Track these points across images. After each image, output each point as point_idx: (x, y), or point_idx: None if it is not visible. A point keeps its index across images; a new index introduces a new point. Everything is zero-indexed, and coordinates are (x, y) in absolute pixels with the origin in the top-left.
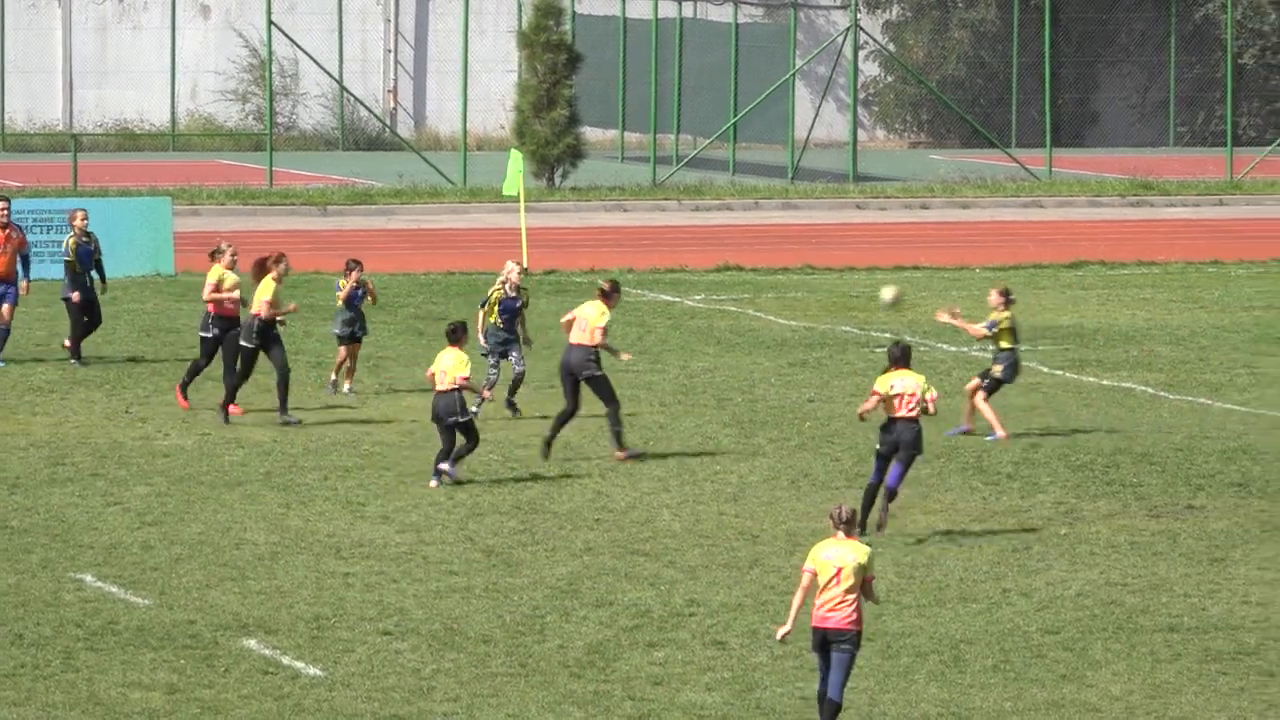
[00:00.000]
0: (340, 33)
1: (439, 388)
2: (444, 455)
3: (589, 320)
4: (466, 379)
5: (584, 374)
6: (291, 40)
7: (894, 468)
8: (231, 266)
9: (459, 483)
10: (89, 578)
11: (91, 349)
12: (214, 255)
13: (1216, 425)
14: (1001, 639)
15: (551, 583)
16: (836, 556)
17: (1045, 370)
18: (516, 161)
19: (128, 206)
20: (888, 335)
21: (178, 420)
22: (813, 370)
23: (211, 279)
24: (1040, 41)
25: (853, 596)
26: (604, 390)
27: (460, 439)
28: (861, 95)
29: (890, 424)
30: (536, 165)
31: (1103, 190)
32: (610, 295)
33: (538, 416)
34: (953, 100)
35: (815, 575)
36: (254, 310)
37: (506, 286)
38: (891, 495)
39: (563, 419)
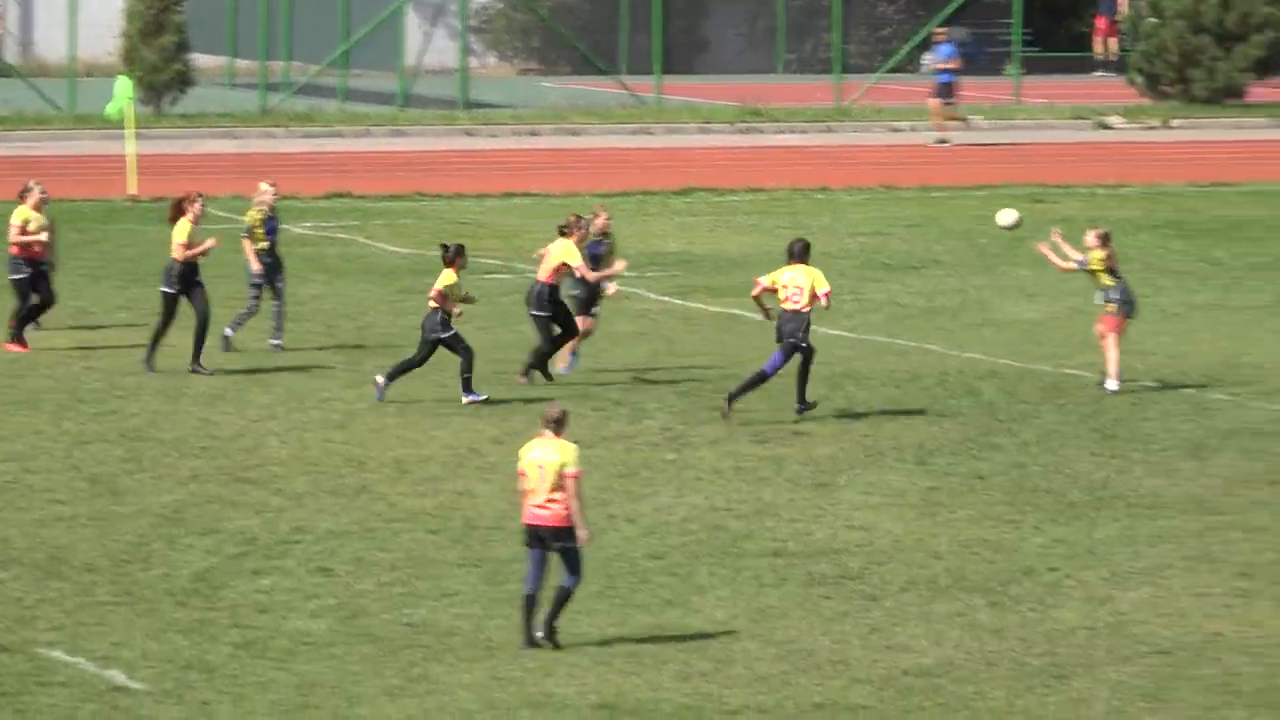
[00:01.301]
0: None
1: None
2: (401, 370)
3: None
4: (441, 293)
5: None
6: None
7: (776, 355)
8: (39, 207)
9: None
10: None
11: None
12: (22, 195)
13: (823, 350)
14: (607, 565)
15: (157, 510)
16: (541, 456)
17: (653, 297)
18: (125, 87)
19: None
20: (495, 261)
21: None
22: (420, 297)
23: (16, 220)
24: None
25: (561, 494)
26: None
27: (456, 355)
28: (473, 22)
29: (782, 315)
30: (145, 92)
31: (712, 117)
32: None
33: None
34: (563, 27)
35: (525, 476)
36: (173, 254)
37: (265, 209)
38: (762, 378)
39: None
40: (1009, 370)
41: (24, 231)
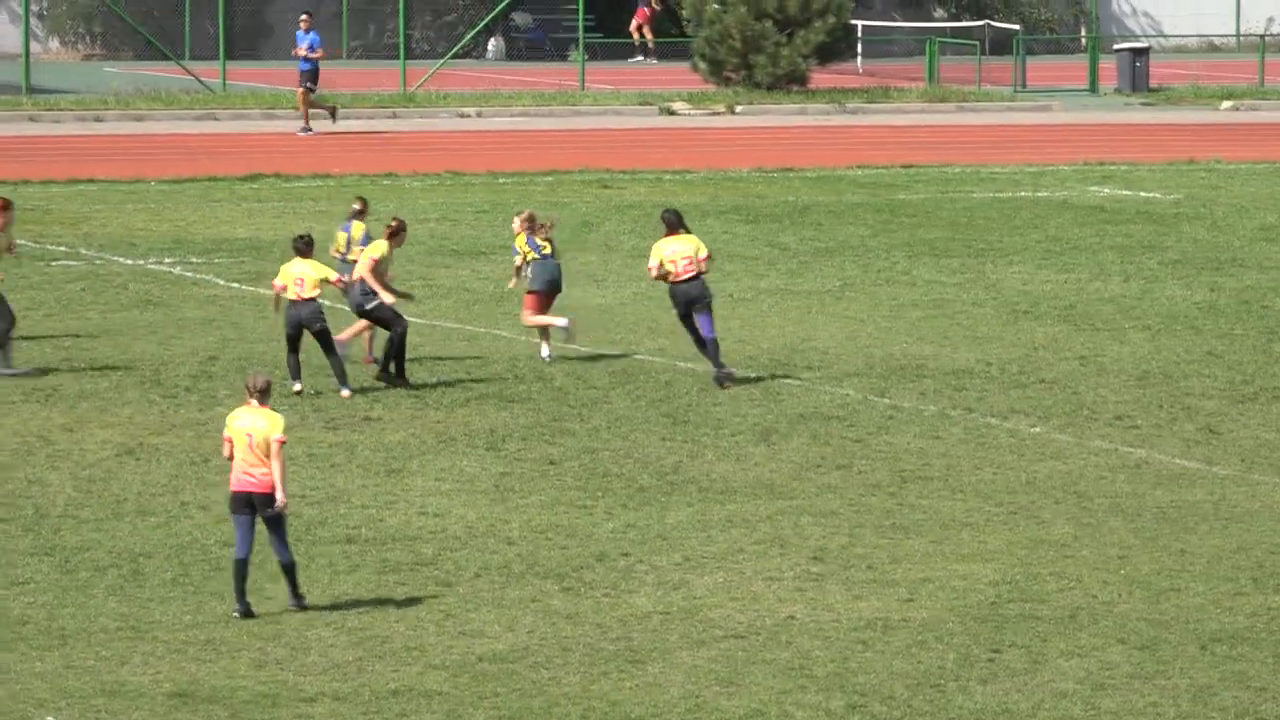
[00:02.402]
0: None
1: (300, 296)
2: (297, 367)
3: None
4: (331, 282)
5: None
6: None
7: (701, 320)
8: None
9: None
10: None
11: None
12: None
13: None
14: (180, 552)
15: None
16: (249, 424)
17: (222, 283)
18: None
19: None
20: (63, 249)
21: None
22: None
23: None
24: None
25: (264, 462)
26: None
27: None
28: (35, 6)
29: (674, 287)
30: None
31: (277, 103)
32: (396, 234)
33: None
34: (126, 13)
35: (232, 443)
36: None
37: None
38: (714, 344)
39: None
40: (578, 356)
41: None
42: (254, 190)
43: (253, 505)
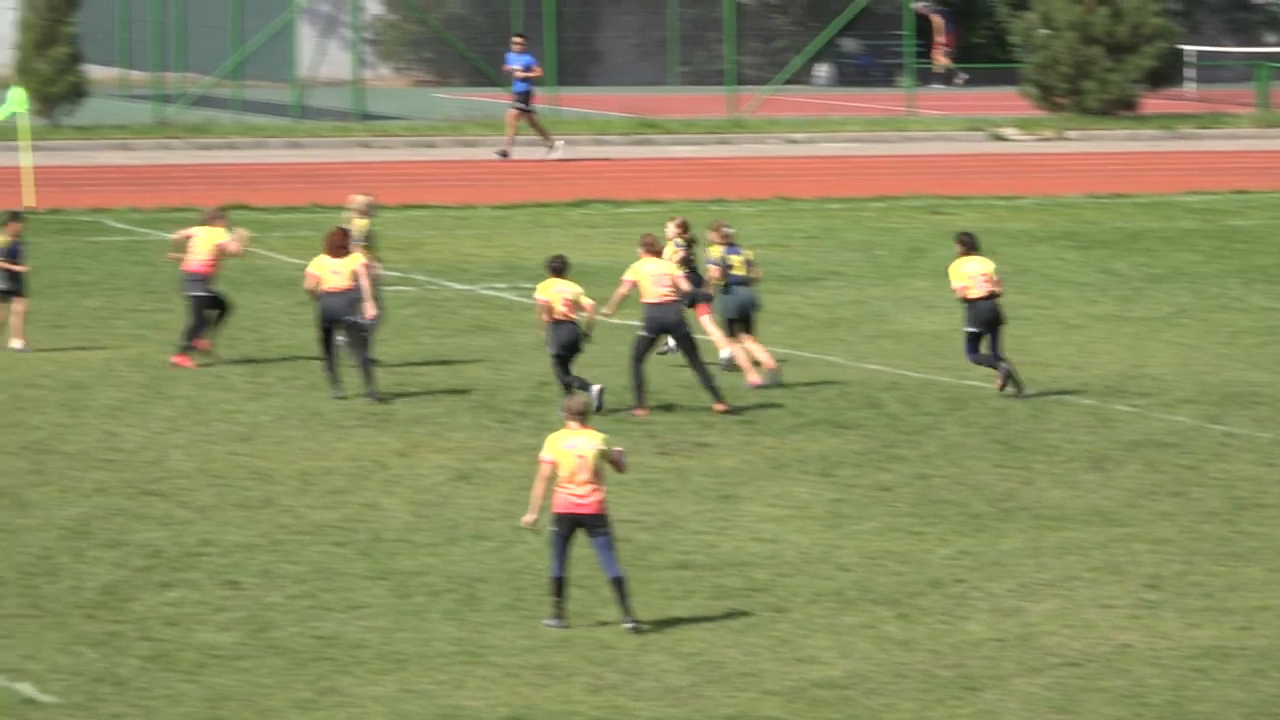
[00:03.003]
0: None
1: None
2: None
3: None
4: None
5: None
6: None
7: (993, 340)
8: None
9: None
10: None
11: None
12: None
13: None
14: (514, 577)
15: (63, 523)
16: (579, 445)
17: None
18: (19, 99)
19: None
20: (396, 275)
21: None
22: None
23: None
24: None
25: (597, 481)
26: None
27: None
28: (366, 34)
29: (974, 305)
30: (39, 104)
31: (607, 128)
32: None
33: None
34: (456, 38)
35: (556, 465)
36: None
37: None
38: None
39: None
40: (910, 382)
41: None
42: (584, 216)
43: (581, 526)
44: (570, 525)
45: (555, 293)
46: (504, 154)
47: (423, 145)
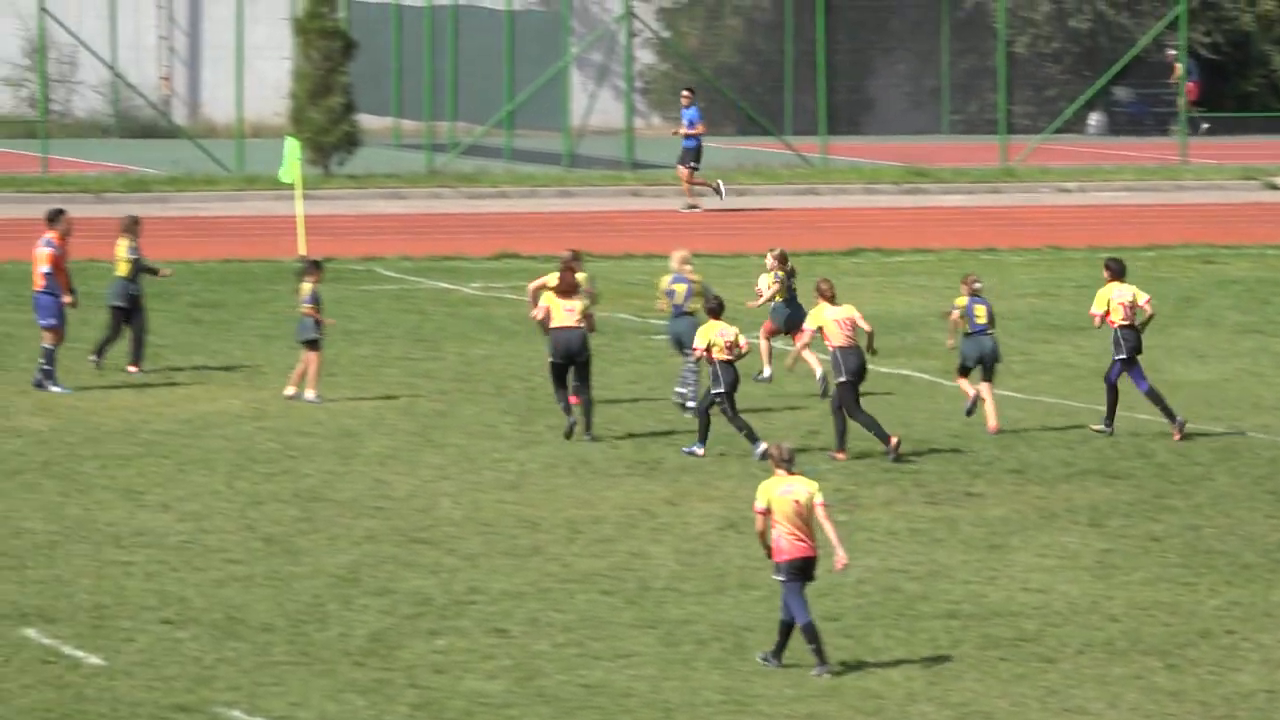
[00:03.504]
0: (113, 19)
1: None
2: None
3: None
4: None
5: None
6: (63, 26)
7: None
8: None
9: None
10: None
11: None
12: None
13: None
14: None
15: (332, 571)
16: (793, 491)
17: (824, 358)
18: (293, 149)
19: None
20: (664, 324)
21: None
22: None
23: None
24: (813, 29)
25: (809, 526)
26: None
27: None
28: (637, 82)
29: (1121, 331)
30: (313, 153)
31: (878, 177)
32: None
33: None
34: (727, 87)
35: (770, 513)
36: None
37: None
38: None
39: None
40: (1191, 433)
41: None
42: (855, 265)
43: (804, 571)
44: (800, 571)
45: (717, 336)
46: (693, 206)
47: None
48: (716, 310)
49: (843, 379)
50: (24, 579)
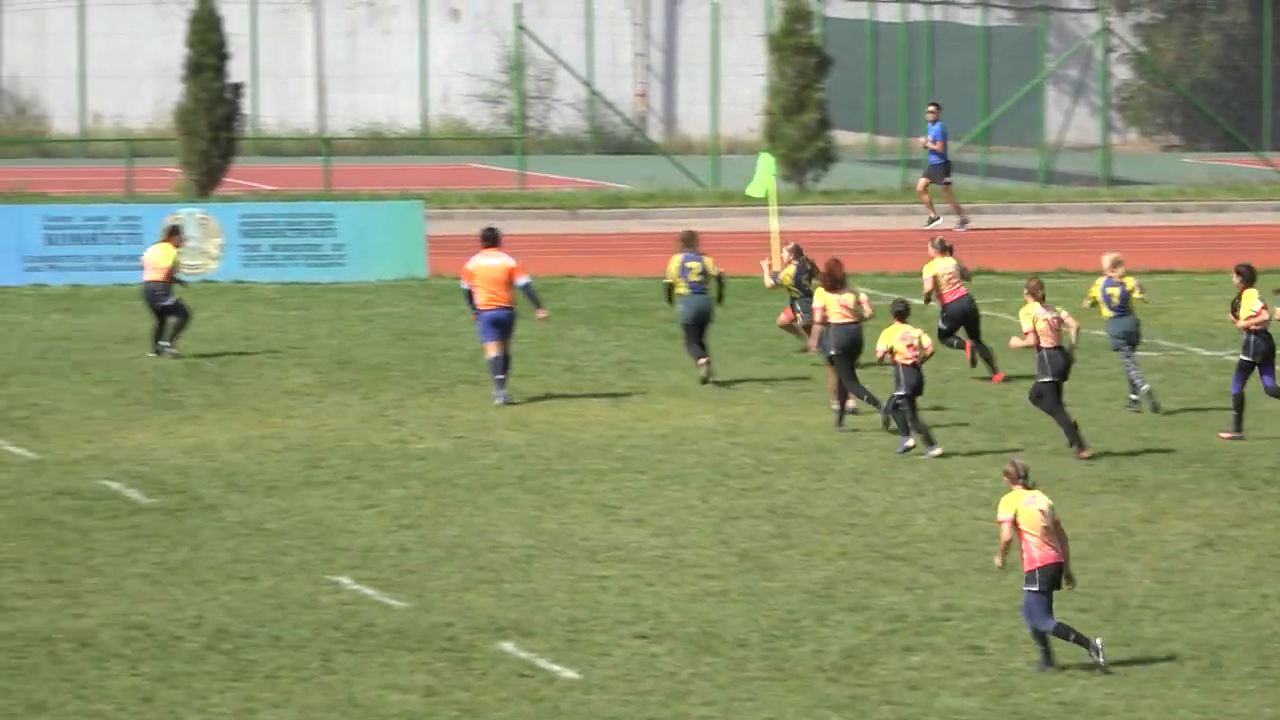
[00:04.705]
0: (589, 36)
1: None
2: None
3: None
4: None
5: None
6: (540, 43)
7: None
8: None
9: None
10: (346, 580)
11: (344, 353)
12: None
13: None
14: (1261, 645)
15: (807, 586)
16: (1036, 502)
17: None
18: (767, 165)
19: (380, 210)
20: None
21: (433, 424)
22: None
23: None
24: None
25: (1052, 535)
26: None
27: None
28: (1113, 99)
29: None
30: (787, 169)
31: None
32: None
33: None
34: (1204, 104)
35: (1016, 523)
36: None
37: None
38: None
39: None
40: None
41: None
42: None
43: (1055, 579)
44: (1052, 579)
45: (899, 340)
46: (934, 219)
47: (1170, 210)
48: (902, 314)
49: (1047, 379)
50: (501, 593)
